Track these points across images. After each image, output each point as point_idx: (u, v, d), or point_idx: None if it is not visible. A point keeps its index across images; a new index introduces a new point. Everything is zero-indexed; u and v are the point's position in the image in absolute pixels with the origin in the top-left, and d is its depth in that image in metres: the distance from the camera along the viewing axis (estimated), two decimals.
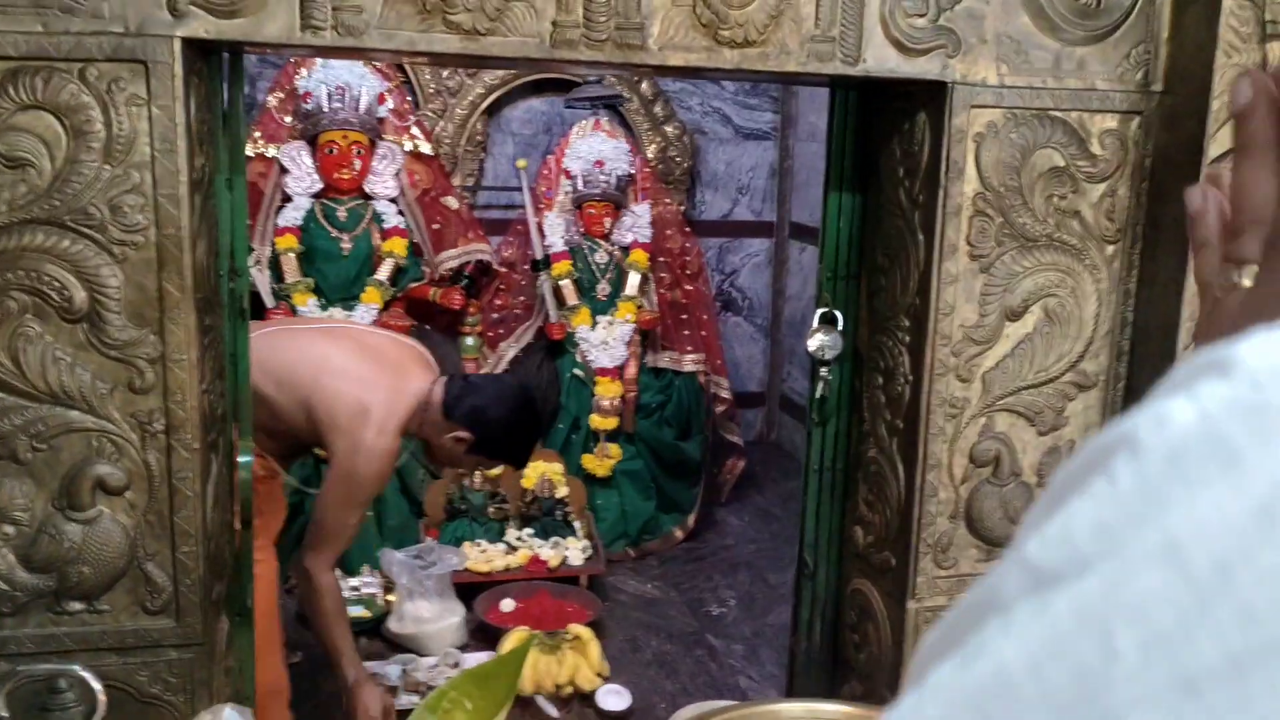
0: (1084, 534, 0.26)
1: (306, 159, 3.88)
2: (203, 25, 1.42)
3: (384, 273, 3.89)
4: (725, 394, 4.61)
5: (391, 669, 3.04)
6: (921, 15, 1.63)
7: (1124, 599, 0.25)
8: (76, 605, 1.53)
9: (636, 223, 4.40)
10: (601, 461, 4.06)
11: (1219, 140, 1.65)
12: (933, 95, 1.70)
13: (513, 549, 3.64)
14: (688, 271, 4.64)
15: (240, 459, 1.77)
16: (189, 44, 1.44)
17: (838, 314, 1.99)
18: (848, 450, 2.05)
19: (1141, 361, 1.82)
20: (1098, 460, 0.28)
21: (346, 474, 2.31)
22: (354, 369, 2.39)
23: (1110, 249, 1.79)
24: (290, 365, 2.36)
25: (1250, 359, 0.26)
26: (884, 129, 1.85)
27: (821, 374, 2.01)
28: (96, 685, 1.36)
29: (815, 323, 2.00)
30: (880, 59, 1.63)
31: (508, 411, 2.42)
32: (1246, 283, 0.39)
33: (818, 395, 2.03)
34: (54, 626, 1.52)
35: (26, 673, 1.42)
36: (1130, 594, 0.25)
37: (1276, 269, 0.38)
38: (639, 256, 4.34)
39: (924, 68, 1.65)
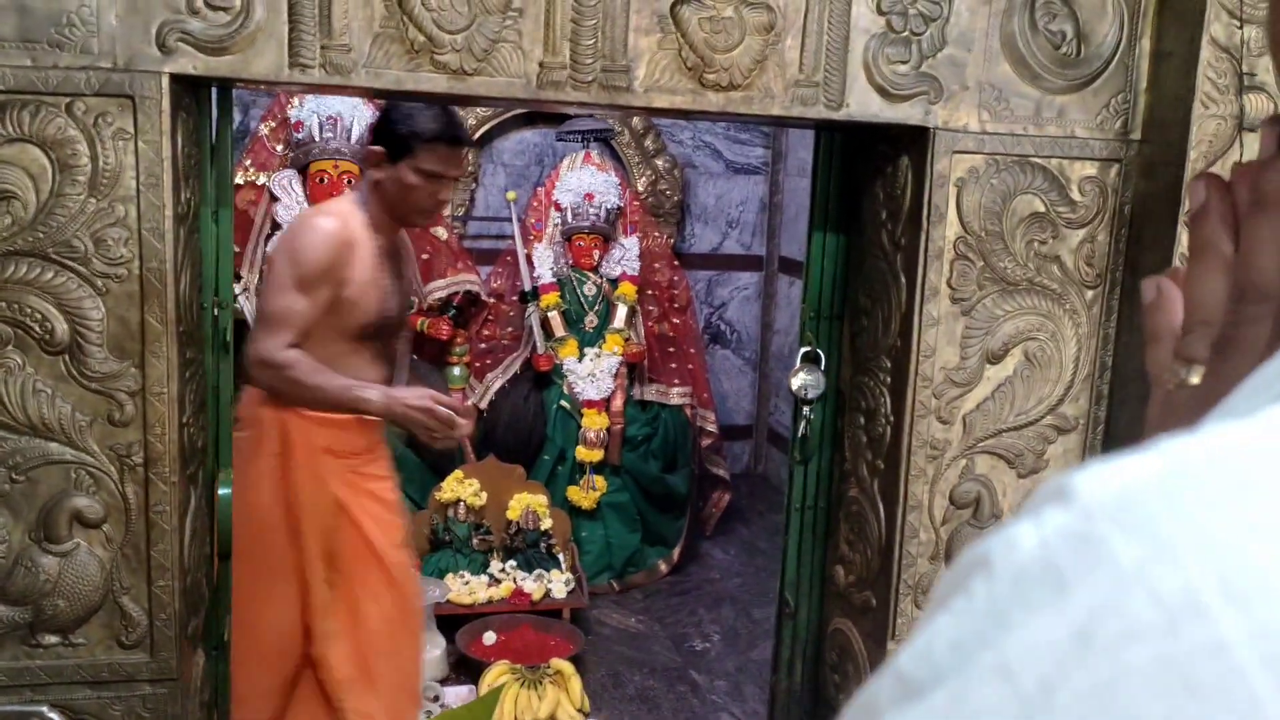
0: (941, 649, 0.28)
1: (297, 188, 3.90)
2: (191, 61, 1.44)
3: None
4: (712, 427, 4.62)
5: None
6: (904, 62, 1.65)
7: (964, 713, 0.27)
8: (51, 638, 1.52)
9: (625, 255, 4.42)
10: (587, 494, 4.05)
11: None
12: (915, 140, 1.72)
13: (496, 581, 3.62)
14: (675, 304, 4.66)
15: (220, 491, 1.77)
16: (177, 80, 1.45)
17: (820, 353, 2.00)
18: (830, 489, 2.05)
19: (1120, 405, 1.84)
20: (962, 577, 0.29)
21: (279, 259, 2.29)
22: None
23: (1090, 294, 1.80)
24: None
25: (1084, 489, 0.28)
26: (867, 172, 1.87)
27: (804, 413, 2.02)
28: None
29: (798, 362, 2.01)
30: (863, 104, 1.65)
31: (395, 110, 2.33)
32: (1194, 380, 0.40)
33: (800, 434, 2.03)
34: (28, 660, 1.51)
35: None
36: (969, 708, 0.27)
37: (1220, 372, 0.39)
38: (627, 289, 4.36)
39: (907, 113, 1.67)
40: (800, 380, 2.00)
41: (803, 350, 2.02)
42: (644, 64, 1.58)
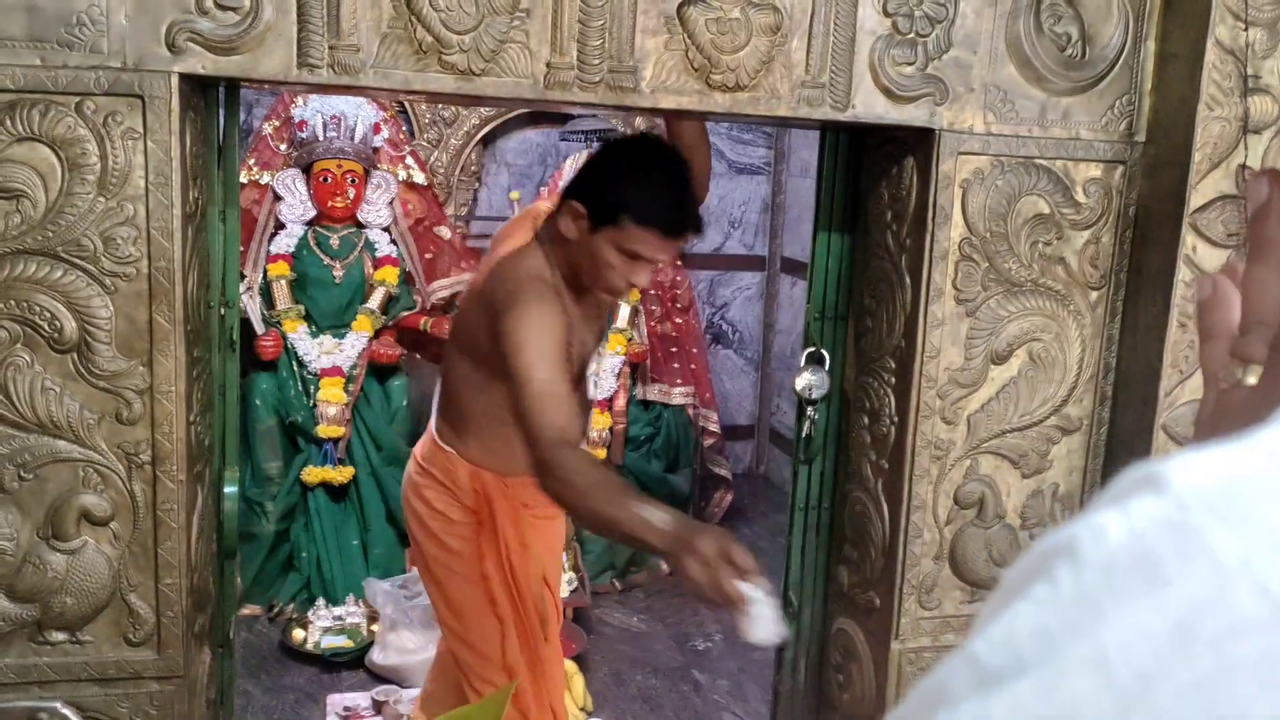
0: (1025, 637, 0.28)
1: (301, 187, 3.91)
2: (200, 61, 1.44)
3: (375, 301, 3.90)
4: (714, 427, 4.62)
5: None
6: (910, 64, 1.65)
7: (1055, 703, 0.26)
8: (59, 635, 1.52)
9: None
10: None
11: (1201, 190, 1.68)
12: (920, 141, 1.73)
13: None
14: (678, 304, 4.66)
15: (226, 490, 1.77)
16: (186, 79, 1.45)
17: (825, 354, 2.00)
18: (833, 489, 2.05)
19: (1124, 406, 1.84)
20: (1042, 564, 0.29)
21: (519, 334, 1.76)
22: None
23: (1094, 295, 1.81)
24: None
25: (1178, 479, 0.28)
26: (873, 173, 1.88)
27: (808, 413, 2.02)
28: None
29: (802, 362, 2.01)
30: (869, 105, 1.66)
31: (614, 157, 1.88)
32: (1251, 381, 0.40)
33: (804, 434, 2.04)
34: (35, 657, 1.52)
35: (7, 708, 1.41)
36: (1061, 699, 0.26)
37: (1278, 373, 0.39)
38: None
39: (912, 114, 1.68)
40: (805, 380, 2.01)
41: (807, 351, 2.02)
42: (651, 64, 1.59)
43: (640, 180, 1.80)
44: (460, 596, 2.08)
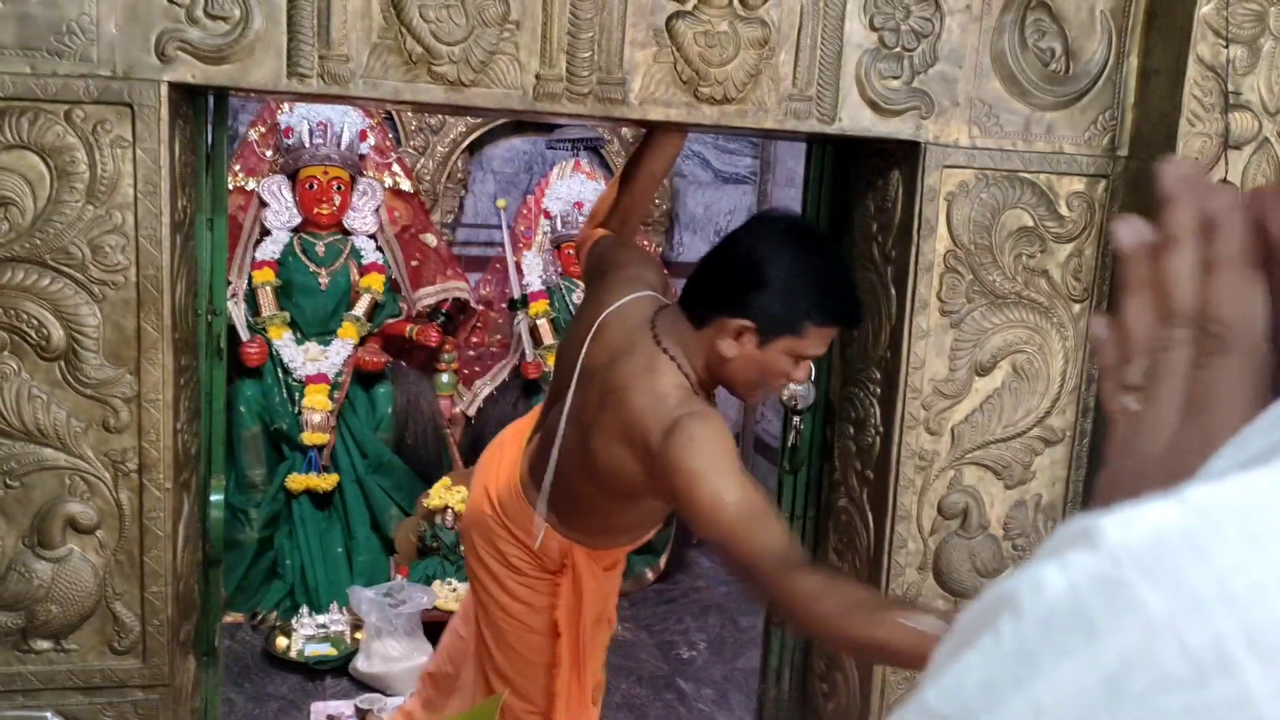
0: (971, 688, 0.29)
1: (286, 193, 3.90)
2: (190, 70, 1.44)
3: (361, 308, 3.90)
4: None
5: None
6: (896, 78, 1.67)
7: None
8: (44, 644, 1.52)
9: None
10: None
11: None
12: (907, 154, 1.74)
13: None
14: None
15: (212, 497, 1.77)
16: (176, 88, 1.45)
17: (810, 364, 2.01)
18: (819, 499, 2.07)
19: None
20: (988, 615, 0.30)
21: (690, 464, 1.52)
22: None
23: (1077, 307, 1.83)
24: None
25: (1113, 534, 0.29)
26: (859, 185, 1.89)
27: (794, 423, 2.04)
28: None
29: None
30: (855, 118, 1.67)
31: (773, 259, 1.63)
32: (1135, 407, 0.43)
33: (789, 444, 2.05)
34: (20, 665, 1.51)
35: None
36: None
37: (1156, 398, 0.41)
38: None
39: (898, 128, 1.69)
40: (790, 391, 2.02)
41: None
42: (639, 76, 1.60)
43: (815, 278, 1.62)
44: (519, 644, 2.00)
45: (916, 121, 1.69)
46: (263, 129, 4.05)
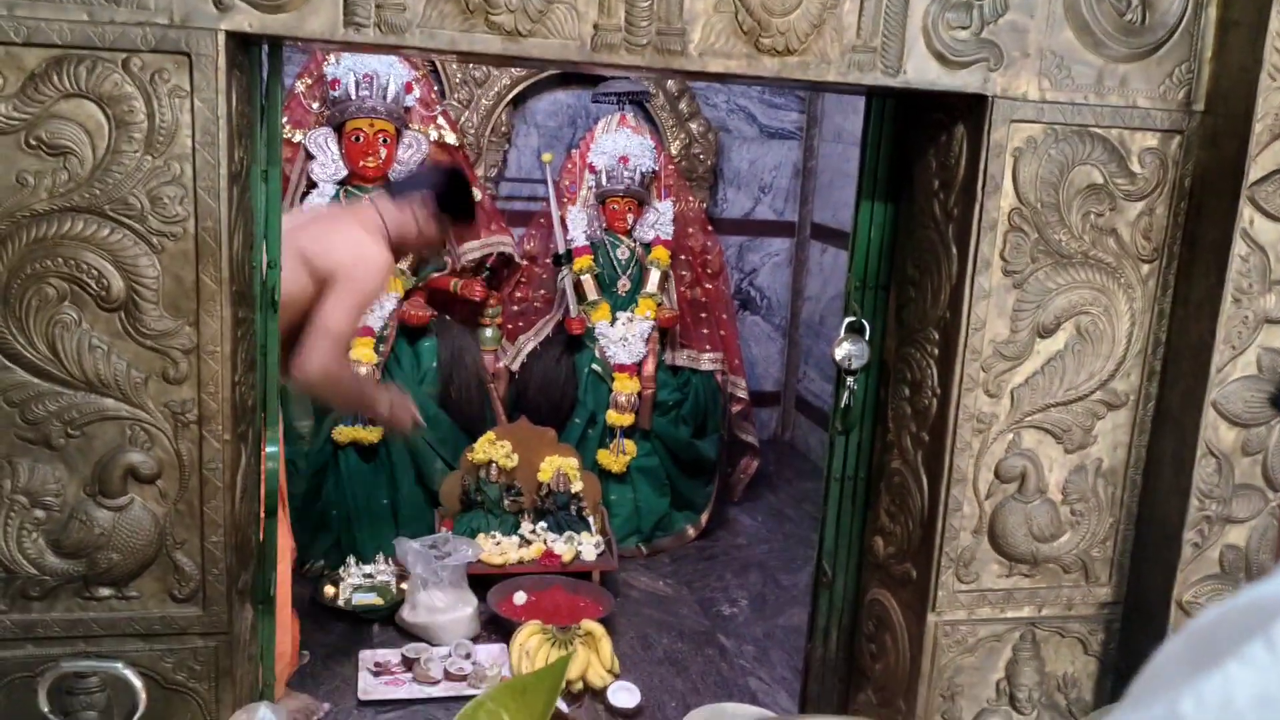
0: (1246, 702, 0.27)
1: (332, 146, 3.89)
2: (247, 19, 1.43)
3: (405, 262, 3.90)
4: (742, 394, 4.61)
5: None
6: (965, 28, 1.62)
7: None
8: (105, 591, 1.54)
9: (659, 219, 4.39)
10: (617, 457, 4.06)
11: (1260, 163, 1.64)
12: (972, 108, 1.69)
13: (526, 542, 3.64)
14: (708, 270, 4.63)
15: (267, 449, 1.78)
16: (232, 37, 1.44)
17: (865, 323, 1.98)
18: (870, 460, 2.04)
19: (1173, 382, 1.82)
20: (1255, 623, 0.27)
21: (348, 280, 2.47)
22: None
23: (1146, 268, 1.78)
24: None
25: None
26: (920, 140, 1.85)
27: (847, 383, 2.01)
28: (138, 683, 1.36)
29: (842, 331, 1.99)
30: (921, 71, 1.63)
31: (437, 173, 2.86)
32: None
33: (843, 404, 2.02)
34: (82, 612, 1.54)
35: (70, 668, 1.42)
36: None
37: None
38: (660, 253, 4.33)
39: (965, 80, 1.64)
40: (844, 350, 1.99)
41: (847, 320, 2.00)
42: (699, 27, 1.56)
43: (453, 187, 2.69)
44: None
45: (984, 74, 1.64)
46: (309, 81, 4.03)
